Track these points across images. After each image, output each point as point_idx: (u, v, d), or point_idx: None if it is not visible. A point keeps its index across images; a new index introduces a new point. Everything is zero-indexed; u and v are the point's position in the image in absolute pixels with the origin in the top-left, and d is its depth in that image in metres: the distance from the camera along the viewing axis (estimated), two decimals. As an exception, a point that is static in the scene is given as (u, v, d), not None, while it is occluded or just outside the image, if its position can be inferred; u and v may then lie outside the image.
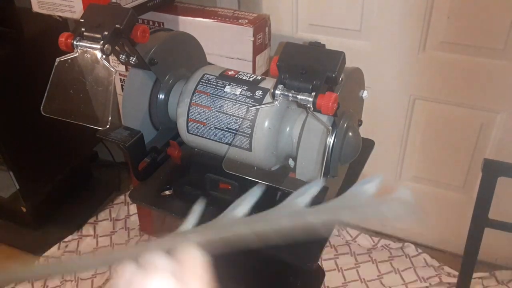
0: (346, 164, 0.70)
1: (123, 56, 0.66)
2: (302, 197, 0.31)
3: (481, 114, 1.23)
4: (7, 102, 1.34)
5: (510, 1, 1.06)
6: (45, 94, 0.63)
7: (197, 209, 0.30)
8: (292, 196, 0.31)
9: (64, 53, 0.62)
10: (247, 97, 0.66)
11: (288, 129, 0.64)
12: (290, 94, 0.55)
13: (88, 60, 0.61)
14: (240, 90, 0.66)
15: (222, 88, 0.67)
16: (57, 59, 0.62)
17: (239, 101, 0.66)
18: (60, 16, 1.00)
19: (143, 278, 0.27)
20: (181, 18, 1.11)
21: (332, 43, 1.23)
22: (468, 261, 0.97)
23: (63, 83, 0.63)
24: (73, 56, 0.62)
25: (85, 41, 0.61)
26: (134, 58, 0.67)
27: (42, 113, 0.63)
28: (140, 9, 1.04)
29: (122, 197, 1.74)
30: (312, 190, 0.31)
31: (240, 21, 1.06)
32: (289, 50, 0.57)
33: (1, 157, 1.39)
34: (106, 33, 0.60)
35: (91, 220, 1.65)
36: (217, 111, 0.67)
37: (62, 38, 0.61)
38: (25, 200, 1.50)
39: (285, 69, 0.56)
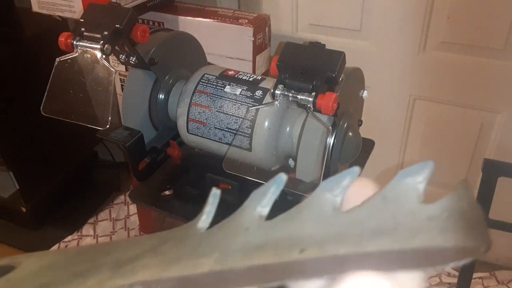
0: (346, 164, 0.70)
1: (123, 56, 0.66)
2: (332, 193, 0.21)
3: (481, 114, 1.23)
4: (7, 102, 1.34)
5: (510, 1, 1.06)
6: (45, 94, 0.63)
7: (214, 199, 0.22)
8: (320, 190, 0.21)
9: (64, 53, 0.62)
10: (247, 97, 0.65)
11: (288, 129, 0.64)
12: (290, 94, 0.55)
13: (88, 60, 0.61)
14: (240, 90, 0.66)
15: (222, 88, 0.67)
16: (57, 59, 0.62)
17: (239, 101, 0.66)
18: (60, 16, 1.00)
19: None
20: (181, 18, 1.10)
21: (332, 43, 1.23)
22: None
23: (63, 83, 0.63)
24: (73, 56, 0.62)
25: (85, 41, 0.61)
26: (134, 58, 0.67)
27: (42, 113, 0.63)
28: (140, 9, 1.04)
29: (122, 197, 1.74)
30: (345, 182, 0.21)
31: (240, 21, 1.06)
32: (289, 50, 0.57)
33: (1, 157, 1.39)
34: (106, 33, 0.60)
35: (91, 220, 1.65)
36: (217, 111, 0.67)
37: (62, 38, 0.61)
38: (25, 200, 1.50)
39: (285, 69, 0.56)
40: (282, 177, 0.22)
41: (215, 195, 0.22)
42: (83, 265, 0.21)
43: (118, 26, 0.61)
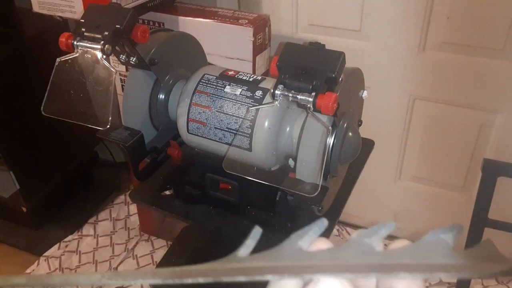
0: (346, 164, 0.70)
1: (123, 56, 0.66)
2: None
3: (481, 114, 1.23)
4: (7, 102, 1.34)
5: (509, 1, 1.06)
6: (46, 94, 0.63)
7: (256, 234, 0.25)
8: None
9: (65, 53, 0.62)
10: (247, 97, 0.66)
11: (288, 129, 0.64)
12: (290, 94, 0.55)
13: (89, 60, 0.61)
14: (240, 90, 0.66)
15: (222, 88, 0.67)
16: (58, 59, 0.63)
17: (239, 101, 0.66)
18: (60, 16, 1.00)
19: None
20: (181, 18, 1.11)
21: (332, 43, 1.23)
22: (468, 261, 0.97)
23: (64, 83, 0.63)
24: (74, 56, 0.62)
25: (86, 41, 0.61)
26: (134, 58, 0.67)
27: (43, 113, 0.63)
28: (140, 9, 1.04)
29: (122, 197, 1.74)
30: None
31: (240, 21, 1.06)
32: (289, 50, 0.57)
33: (1, 157, 1.39)
34: (106, 33, 0.60)
35: (91, 220, 1.65)
36: (217, 111, 0.67)
37: (62, 38, 0.61)
38: (25, 200, 1.50)
39: (285, 69, 0.56)
40: (324, 222, 0.25)
41: (257, 231, 0.24)
42: None
43: (119, 26, 0.61)
